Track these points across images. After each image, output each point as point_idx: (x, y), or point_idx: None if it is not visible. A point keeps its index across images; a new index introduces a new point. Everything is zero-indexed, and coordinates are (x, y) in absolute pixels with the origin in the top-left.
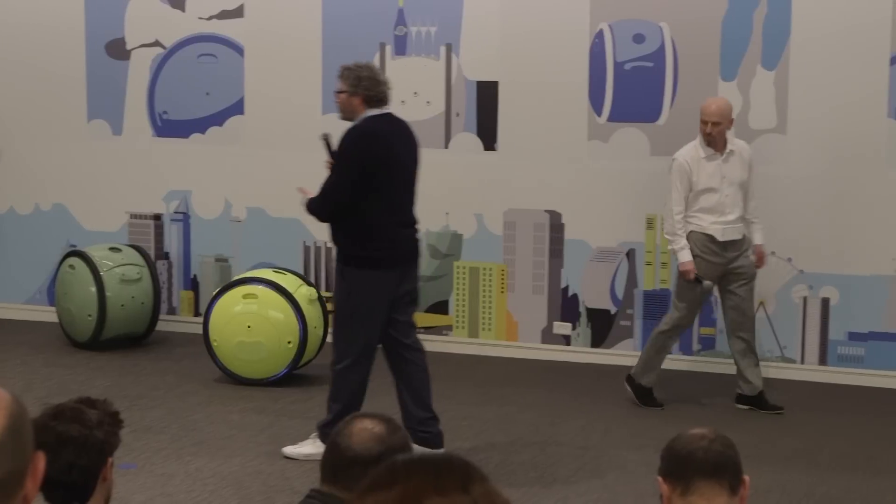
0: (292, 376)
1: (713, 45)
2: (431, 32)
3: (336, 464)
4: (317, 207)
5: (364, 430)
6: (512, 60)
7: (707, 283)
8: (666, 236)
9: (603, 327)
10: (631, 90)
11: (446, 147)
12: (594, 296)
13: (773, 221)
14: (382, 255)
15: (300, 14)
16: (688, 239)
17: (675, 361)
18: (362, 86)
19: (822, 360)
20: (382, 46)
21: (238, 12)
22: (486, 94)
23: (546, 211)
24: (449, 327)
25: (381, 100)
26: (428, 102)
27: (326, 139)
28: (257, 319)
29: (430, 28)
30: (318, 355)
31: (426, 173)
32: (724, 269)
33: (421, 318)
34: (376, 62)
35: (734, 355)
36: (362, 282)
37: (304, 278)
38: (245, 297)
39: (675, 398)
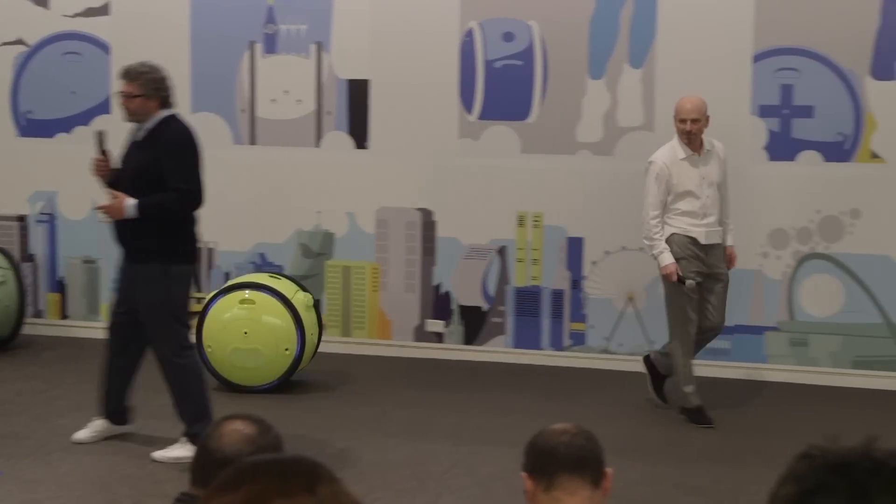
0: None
1: (581, 43)
2: (301, 30)
3: (206, 467)
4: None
5: (234, 431)
6: (383, 59)
7: (690, 281)
8: (644, 241)
9: (475, 324)
10: (501, 88)
11: (317, 146)
12: (466, 293)
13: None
14: (193, 249)
15: (167, 12)
16: (669, 241)
17: (546, 357)
18: (161, 89)
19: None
20: (252, 44)
21: (104, 10)
22: (357, 93)
23: (418, 209)
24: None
25: (172, 100)
26: (299, 101)
27: (101, 137)
28: (255, 325)
29: (300, 26)
30: (311, 363)
31: (297, 172)
32: (705, 273)
33: None
34: (245, 60)
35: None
36: (183, 276)
37: (300, 284)
38: (242, 302)
39: (545, 394)
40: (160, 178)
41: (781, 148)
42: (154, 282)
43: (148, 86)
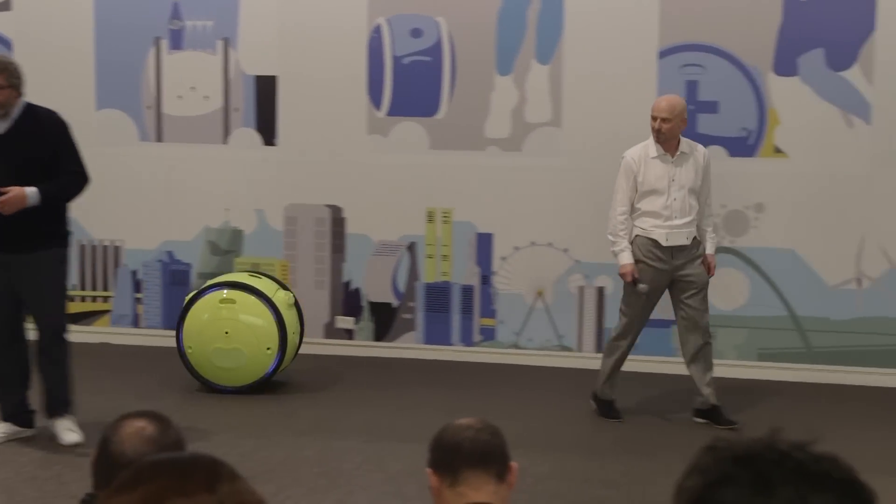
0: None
1: (489, 39)
2: (208, 26)
3: (108, 468)
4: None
5: (134, 432)
6: (290, 55)
7: (642, 286)
8: (608, 236)
9: (385, 321)
10: (409, 84)
11: (225, 142)
12: (376, 289)
13: (551, 213)
14: (69, 233)
15: (71, 7)
16: (632, 243)
17: (456, 352)
18: (21, 78)
19: (599, 348)
20: (157, 40)
21: (6, 5)
22: (265, 89)
23: (327, 206)
24: None
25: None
26: (206, 97)
27: None
28: (236, 325)
29: (207, 22)
30: (293, 362)
31: (205, 169)
32: (670, 277)
33: None
34: (151, 57)
35: (688, 367)
36: (66, 258)
37: (280, 282)
38: (222, 301)
39: (456, 389)
40: (51, 163)
41: None
42: (53, 265)
43: (13, 76)
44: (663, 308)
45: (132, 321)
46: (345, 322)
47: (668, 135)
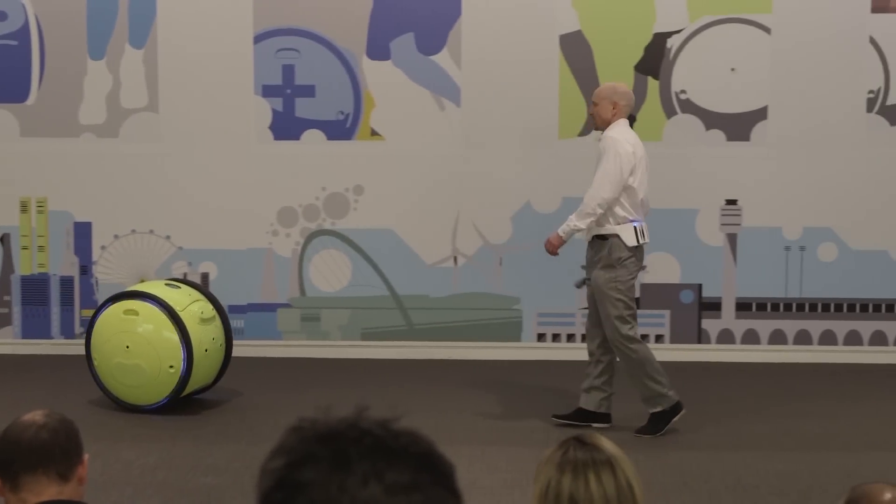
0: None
1: (79, 23)
2: None
3: None
4: None
5: None
6: None
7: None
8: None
9: None
10: None
11: None
12: None
13: (151, 200)
14: None
15: None
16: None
17: (57, 346)
18: None
19: None
20: None
21: None
22: None
23: None
24: None
25: None
26: None
27: None
28: (137, 339)
29: None
30: (222, 379)
31: None
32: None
33: None
34: None
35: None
36: None
37: (205, 292)
38: (126, 312)
39: (58, 383)
40: None
41: (286, 127)
42: None
43: None
44: (269, 293)
45: None
46: None
47: (596, 118)
